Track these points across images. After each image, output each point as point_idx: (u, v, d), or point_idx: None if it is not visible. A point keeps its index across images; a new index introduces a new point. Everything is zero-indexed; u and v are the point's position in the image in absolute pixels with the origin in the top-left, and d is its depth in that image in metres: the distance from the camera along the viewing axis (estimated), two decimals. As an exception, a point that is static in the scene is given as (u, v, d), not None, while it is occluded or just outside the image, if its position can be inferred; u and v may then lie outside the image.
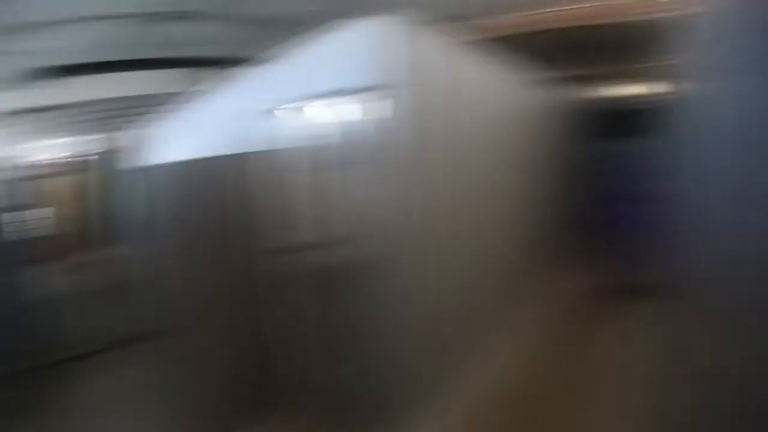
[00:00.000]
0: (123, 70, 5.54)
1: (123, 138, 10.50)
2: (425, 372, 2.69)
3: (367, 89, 2.45)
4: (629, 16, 4.49)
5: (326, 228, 2.85)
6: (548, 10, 4.67)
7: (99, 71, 5.48)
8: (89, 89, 5.74)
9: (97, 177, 7.57)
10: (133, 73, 5.63)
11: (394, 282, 2.40)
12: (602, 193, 5.94)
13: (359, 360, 2.63)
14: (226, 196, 2.87)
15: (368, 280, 2.49)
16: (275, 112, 2.95)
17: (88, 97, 5.92)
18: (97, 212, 7.48)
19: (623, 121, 5.83)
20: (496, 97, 3.61)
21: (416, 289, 2.54)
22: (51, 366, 4.41)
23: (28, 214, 6.64)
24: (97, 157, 10.13)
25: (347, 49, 2.53)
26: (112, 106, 7.13)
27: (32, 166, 11.45)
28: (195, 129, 4.20)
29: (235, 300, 2.88)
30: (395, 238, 2.39)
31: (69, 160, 11.80)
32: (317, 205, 2.94)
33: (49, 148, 10.75)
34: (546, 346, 3.77)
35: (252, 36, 4.88)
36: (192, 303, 2.73)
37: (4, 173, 6.07)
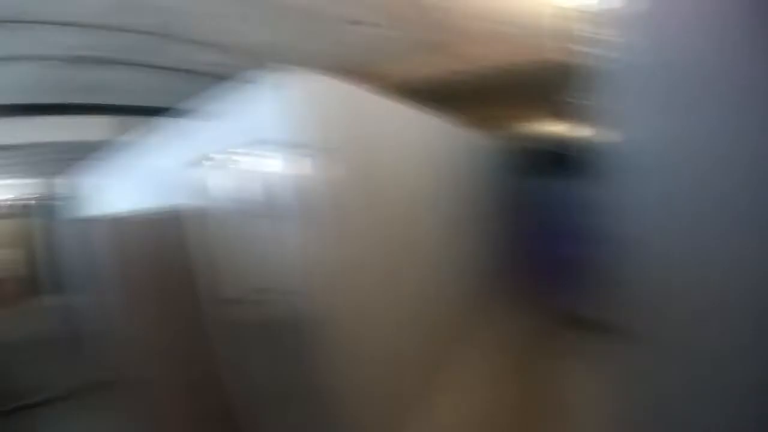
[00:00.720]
0: (53, 114, 5.52)
1: (58, 184, 10.31)
2: (375, 421, 2.75)
3: (285, 142, 2.51)
4: (545, 56, 4.73)
5: (255, 281, 2.94)
6: (455, 52, 4.93)
7: (29, 114, 5.42)
8: (20, 132, 5.57)
9: (37, 223, 7.35)
10: (63, 117, 5.62)
11: (328, 334, 2.44)
12: (537, 231, 6.09)
13: (309, 411, 2.69)
14: (164, 249, 2.94)
15: (302, 333, 2.55)
16: (203, 163, 3.03)
17: (20, 140, 5.70)
18: (40, 258, 7.28)
19: (552, 160, 6.03)
20: (417, 142, 3.70)
21: (352, 340, 2.58)
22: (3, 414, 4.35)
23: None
24: (35, 202, 9.89)
25: (267, 102, 2.56)
26: (45, 150, 6.97)
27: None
28: (127, 179, 4.23)
29: (183, 350, 2.94)
30: (323, 291, 2.43)
31: (7, 203, 11.46)
32: (246, 258, 3.04)
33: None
34: (493, 384, 3.82)
35: (177, 85, 5.05)
36: (140, 353, 2.76)
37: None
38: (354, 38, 4.36)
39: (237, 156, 2.96)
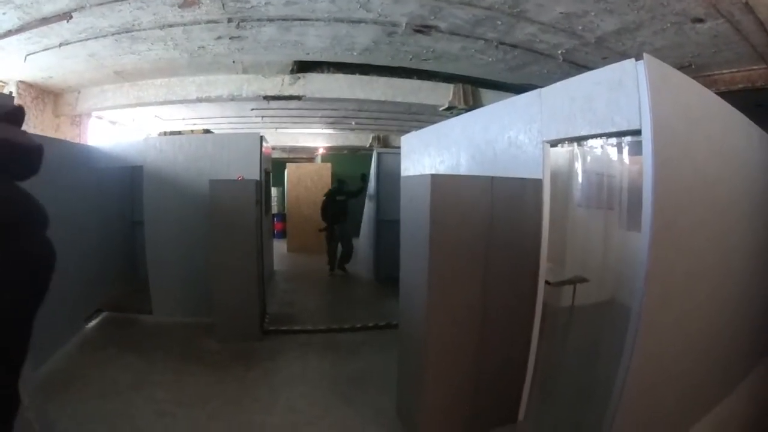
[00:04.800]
0: (391, 76, 6.31)
1: (384, 139, 11.78)
2: (661, 418, 2.69)
3: (627, 132, 2.51)
4: None
5: (578, 266, 3.03)
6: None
7: (368, 73, 6.29)
8: (358, 89, 6.43)
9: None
10: (401, 80, 6.37)
11: (636, 331, 2.35)
12: None
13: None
14: (512, 217, 3.01)
15: (615, 323, 2.54)
16: (559, 144, 3.10)
17: (357, 96, 6.53)
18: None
19: None
20: (741, 148, 3.42)
21: (657, 340, 2.49)
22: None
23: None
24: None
25: (608, 89, 2.56)
26: (378, 108, 8.08)
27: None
28: (460, 143, 4.33)
29: (475, 311, 2.98)
30: (639, 286, 2.34)
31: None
32: (572, 241, 3.14)
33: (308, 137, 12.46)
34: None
35: (519, 62, 5.34)
36: (437, 305, 2.85)
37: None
38: (694, 36, 4.22)
39: (589, 142, 3.00)
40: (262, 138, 5.62)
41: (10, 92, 5.58)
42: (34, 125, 6.18)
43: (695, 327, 2.82)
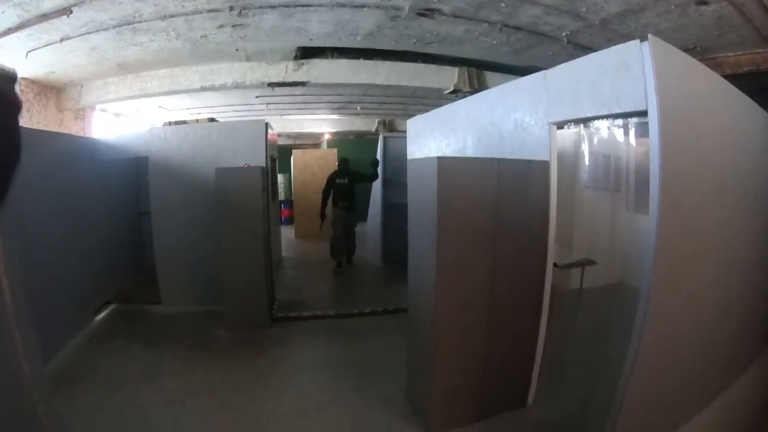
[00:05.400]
0: (394, 60, 6.27)
1: (390, 123, 11.73)
2: (664, 403, 2.70)
3: (633, 113, 2.50)
4: None
5: (586, 248, 3.03)
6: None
7: (370, 57, 6.23)
8: (361, 73, 6.39)
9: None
10: (404, 64, 6.33)
11: (644, 313, 2.35)
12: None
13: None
14: (502, 197, 2.97)
15: (621, 305, 2.58)
16: (552, 125, 3.08)
17: (360, 80, 6.49)
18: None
19: None
20: (746, 130, 3.40)
21: (665, 323, 2.49)
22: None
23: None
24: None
25: (613, 70, 2.54)
26: (380, 92, 7.98)
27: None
28: (465, 126, 4.31)
29: (481, 295, 2.98)
30: (647, 269, 2.34)
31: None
32: (580, 223, 3.13)
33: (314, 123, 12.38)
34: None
35: (524, 45, 5.29)
36: (443, 289, 2.86)
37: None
38: (698, 18, 4.15)
39: (595, 124, 3.01)
40: (267, 125, 5.60)
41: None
42: (37, 120, 6.20)
43: (703, 308, 2.83)
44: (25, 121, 4.86)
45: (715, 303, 2.97)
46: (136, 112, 9.06)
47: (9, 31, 4.28)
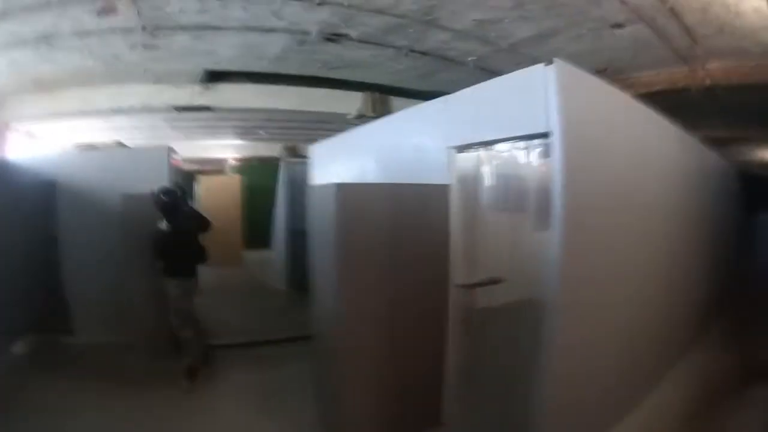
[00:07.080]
0: (300, 85, 6.15)
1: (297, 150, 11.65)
2: (582, 414, 2.75)
3: (535, 135, 2.53)
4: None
5: (493, 269, 3.09)
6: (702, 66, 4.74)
7: (276, 83, 6.09)
8: (266, 98, 6.29)
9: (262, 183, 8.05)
10: (310, 89, 6.22)
11: (554, 327, 2.41)
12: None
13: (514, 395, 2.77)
14: (404, 222, 3.03)
15: (530, 323, 2.57)
16: (464, 149, 3.13)
17: (266, 105, 6.42)
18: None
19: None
20: (657, 147, 3.55)
21: (575, 335, 2.53)
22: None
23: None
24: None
25: (516, 94, 2.61)
26: (287, 117, 7.75)
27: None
28: (369, 151, 4.39)
29: (393, 319, 3.02)
30: (561, 287, 2.39)
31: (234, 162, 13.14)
32: (483, 244, 3.19)
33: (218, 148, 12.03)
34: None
35: (431, 69, 5.40)
36: (352, 315, 2.90)
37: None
38: (613, 41, 4.34)
39: (498, 147, 3.04)
40: (170, 150, 5.46)
41: None
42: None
43: (614, 322, 2.95)
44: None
45: (628, 316, 3.11)
46: (49, 133, 8.65)
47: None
